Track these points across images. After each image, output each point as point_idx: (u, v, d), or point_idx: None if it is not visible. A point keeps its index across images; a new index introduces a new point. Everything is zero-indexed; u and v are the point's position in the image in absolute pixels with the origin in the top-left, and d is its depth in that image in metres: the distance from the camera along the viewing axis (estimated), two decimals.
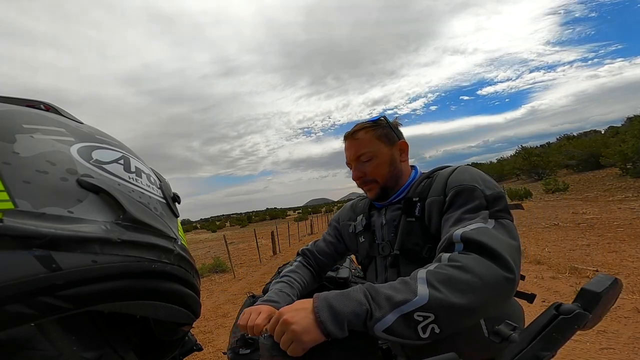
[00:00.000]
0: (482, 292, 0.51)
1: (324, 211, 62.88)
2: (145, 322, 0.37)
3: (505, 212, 0.67)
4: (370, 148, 0.87)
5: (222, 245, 10.22)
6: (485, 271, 0.53)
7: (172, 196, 0.42)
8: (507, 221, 0.66)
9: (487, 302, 0.52)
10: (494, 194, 0.69)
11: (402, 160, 0.90)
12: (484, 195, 0.69)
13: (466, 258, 0.55)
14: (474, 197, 0.69)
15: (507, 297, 0.55)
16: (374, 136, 0.88)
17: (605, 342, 2.39)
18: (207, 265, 8.52)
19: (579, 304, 0.40)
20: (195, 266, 0.38)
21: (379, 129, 0.89)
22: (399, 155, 0.90)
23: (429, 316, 0.49)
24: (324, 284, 1.23)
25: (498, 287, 0.52)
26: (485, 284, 0.52)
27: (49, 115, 0.35)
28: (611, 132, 31.14)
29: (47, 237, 0.23)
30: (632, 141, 13.99)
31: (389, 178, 0.88)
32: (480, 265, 0.54)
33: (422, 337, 0.50)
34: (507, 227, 0.64)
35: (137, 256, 0.29)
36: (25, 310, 0.22)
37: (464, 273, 0.53)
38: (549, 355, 0.39)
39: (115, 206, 0.30)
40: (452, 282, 0.52)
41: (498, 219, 0.65)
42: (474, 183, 0.71)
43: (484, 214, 0.66)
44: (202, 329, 4.20)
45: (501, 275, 0.53)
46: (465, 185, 0.71)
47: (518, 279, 0.56)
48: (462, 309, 0.50)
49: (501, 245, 0.57)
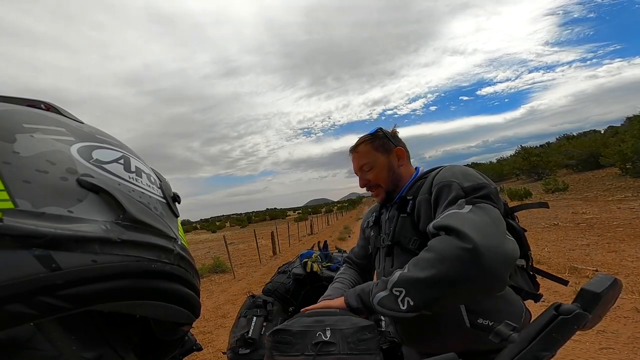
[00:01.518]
0: (441, 264, 0.59)
1: (324, 211, 62.86)
2: (145, 322, 0.37)
3: (484, 199, 0.70)
4: (370, 159, 0.99)
5: (222, 245, 10.22)
6: (444, 246, 0.61)
7: (172, 196, 0.42)
8: (485, 204, 0.68)
9: (447, 272, 0.59)
10: (472, 185, 0.73)
11: (400, 165, 0.99)
12: (461, 187, 0.73)
13: (433, 241, 0.65)
14: (451, 190, 0.74)
15: (471, 267, 0.57)
16: (372, 148, 1.00)
17: (605, 342, 2.39)
18: (207, 266, 8.52)
19: (579, 304, 0.40)
20: (195, 266, 0.38)
21: (376, 140, 1.00)
22: (396, 161, 0.99)
23: (401, 290, 0.63)
24: (324, 284, 1.23)
25: (455, 258, 0.58)
26: (443, 257, 0.59)
27: (49, 115, 0.35)
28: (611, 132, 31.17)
29: (47, 237, 0.23)
30: (631, 141, 14.00)
31: (390, 182, 0.98)
32: (441, 242, 0.62)
33: (402, 309, 0.63)
34: (483, 209, 0.66)
35: (137, 256, 0.29)
36: (25, 310, 0.22)
37: (427, 252, 0.63)
38: (549, 356, 0.39)
39: (115, 206, 0.30)
40: (417, 262, 0.64)
41: (476, 204, 0.68)
42: (452, 178, 0.77)
43: (461, 202, 0.70)
44: (202, 329, 4.20)
45: (457, 246, 0.58)
46: (444, 182, 0.77)
47: (484, 250, 0.56)
48: (426, 281, 0.60)
49: (465, 222, 0.62)
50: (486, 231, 0.60)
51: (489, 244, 0.57)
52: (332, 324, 0.83)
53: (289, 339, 0.79)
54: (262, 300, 1.16)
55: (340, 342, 0.78)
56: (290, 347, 0.78)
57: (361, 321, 0.85)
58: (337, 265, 1.33)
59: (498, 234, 0.61)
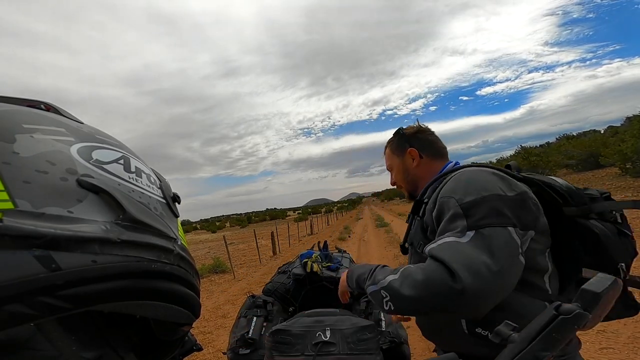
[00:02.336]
0: (425, 290, 0.62)
1: (324, 211, 62.84)
2: (145, 322, 0.37)
3: (488, 218, 0.64)
4: (390, 162, 1.05)
5: (222, 245, 10.22)
6: (434, 276, 0.62)
7: (172, 196, 0.42)
8: (490, 229, 0.63)
9: (430, 299, 0.62)
10: (472, 200, 0.67)
11: (416, 166, 0.97)
12: (459, 205, 0.68)
13: (429, 263, 0.65)
14: (449, 207, 0.70)
15: (454, 303, 0.60)
16: (390, 151, 1.04)
17: (605, 342, 2.39)
18: (207, 266, 8.51)
19: (579, 304, 0.40)
20: (195, 266, 0.38)
21: (393, 142, 1.04)
22: (411, 162, 0.98)
23: (387, 295, 0.68)
24: (324, 284, 1.23)
25: (441, 292, 0.60)
26: (430, 286, 0.62)
27: (49, 115, 0.35)
28: (610, 132, 31.16)
29: (47, 237, 0.23)
30: (631, 141, 13.99)
31: (407, 184, 1.01)
32: (433, 271, 0.63)
33: (385, 309, 0.69)
34: (486, 238, 0.62)
35: (137, 256, 0.29)
36: (25, 310, 0.22)
37: (418, 272, 0.65)
38: (549, 356, 0.39)
39: (115, 206, 0.30)
40: (407, 275, 0.66)
41: (480, 229, 0.64)
42: (451, 194, 0.72)
43: (461, 225, 0.66)
44: (202, 330, 4.20)
45: (446, 283, 0.60)
46: (444, 198, 0.73)
47: (472, 293, 0.58)
48: (408, 299, 0.64)
49: (458, 258, 0.61)
50: (479, 270, 0.58)
51: (479, 286, 0.58)
52: (332, 324, 0.83)
53: (289, 339, 0.79)
54: (262, 301, 1.16)
55: (340, 342, 0.78)
56: (290, 347, 0.78)
57: (361, 321, 0.85)
58: (337, 265, 1.33)
59: (493, 272, 0.59)
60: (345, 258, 1.43)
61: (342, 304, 0.99)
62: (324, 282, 1.23)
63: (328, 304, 1.06)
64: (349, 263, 1.39)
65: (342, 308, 1.04)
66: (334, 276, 1.24)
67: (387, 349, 0.92)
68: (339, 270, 1.29)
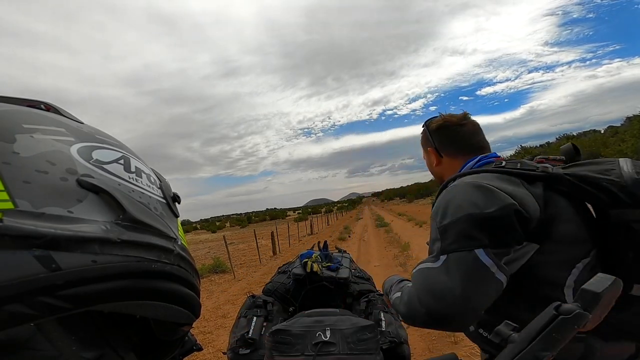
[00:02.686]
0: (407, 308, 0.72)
1: (324, 211, 62.87)
2: (145, 322, 0.37)
3: (455, 243, 0.64)
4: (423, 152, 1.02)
5: (222, 245, 10.22)
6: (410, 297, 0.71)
7: (172, 196, 0.42)
8: (455, 255, 0.63)
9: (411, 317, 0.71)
10: (446, 224, 0.66)
11: (436, 165, 0.95)
12: (437, 228, 0.69)
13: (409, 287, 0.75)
14: (432, 228, 0.73)
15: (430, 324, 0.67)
16: (421, 142, 1.02)
17: None
18: (207, 266, 8.51)
19: (579, 304, 0.40)
20: (195, 266, 0.38)
21: (421, 136, 1.01)
22: (432, 161, 0.97)
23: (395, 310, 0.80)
24: (324, 284, 1.23)
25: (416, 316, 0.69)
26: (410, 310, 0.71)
27: (49, 115, 0.35)
28: (610, 132, 31.14)
29: (47, 237, 0.23)
30: (631, 141, 13.99)
31: (435, 178, 1.00)
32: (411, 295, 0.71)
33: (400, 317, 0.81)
34: (451, 263, 0.64)
35: (137, 256, 0.29)
36: (25, 310, 0.22)
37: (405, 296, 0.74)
38: (549, 356, 0.39)
39: (115, 206, 0.30)
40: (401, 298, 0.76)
41: (449, 253, 0.65)
42: (434, 214, 0.73)
43: (436, 248, 0.68)
44: (202, 329, 4.20)
45: (415, 306, 0.69)
46: (432, 216, 0.75)
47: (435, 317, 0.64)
48: (403, 316, 0.74)
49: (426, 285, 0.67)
50: (444, 296, 0.63)
51: (444, 310, 0.63)
52: (332, 324, 0.83)
53: (289, 339, 0.79)
54: (262, 301, 1.16)
55: (340, 342, 0.78)
56: (290, 347, 0.78)
57: (361, 321, 0.85)
58: (337, 265, 1.32)
59: (456, 296, 0.61)
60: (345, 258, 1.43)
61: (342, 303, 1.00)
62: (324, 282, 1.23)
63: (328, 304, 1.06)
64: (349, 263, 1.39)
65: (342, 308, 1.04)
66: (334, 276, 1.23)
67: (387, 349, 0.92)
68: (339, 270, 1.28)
